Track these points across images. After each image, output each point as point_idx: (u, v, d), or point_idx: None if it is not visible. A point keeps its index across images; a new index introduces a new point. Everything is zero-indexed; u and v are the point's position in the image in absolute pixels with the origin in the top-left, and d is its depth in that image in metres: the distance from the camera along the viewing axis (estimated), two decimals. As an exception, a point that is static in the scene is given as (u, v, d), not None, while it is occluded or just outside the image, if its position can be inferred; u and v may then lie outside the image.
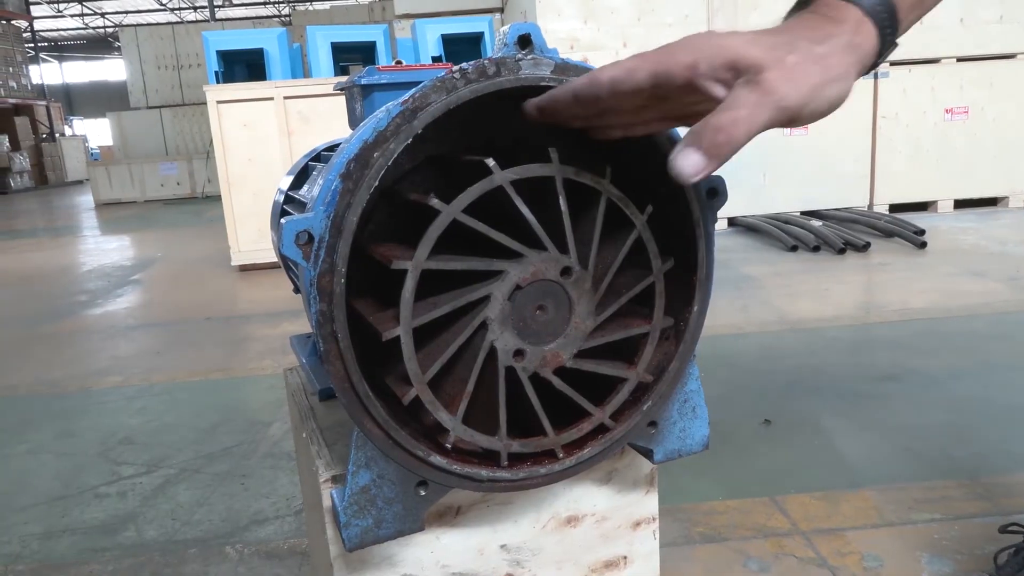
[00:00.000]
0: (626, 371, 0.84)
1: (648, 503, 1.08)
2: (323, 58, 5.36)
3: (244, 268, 5.34)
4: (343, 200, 0.70)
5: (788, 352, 2.90)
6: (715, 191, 0.88)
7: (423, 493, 0.80)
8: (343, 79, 1.16)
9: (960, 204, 6.09)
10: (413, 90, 0.72)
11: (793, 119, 0.61)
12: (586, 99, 0.69)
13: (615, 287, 0.84)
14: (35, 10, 23.19)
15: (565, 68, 0.77)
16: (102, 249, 7.35)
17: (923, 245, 4.72)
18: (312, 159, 1.42)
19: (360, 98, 1.09)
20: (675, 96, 0.65)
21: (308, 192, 1.19)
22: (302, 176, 1.42)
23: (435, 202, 0.70)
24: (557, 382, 0.80)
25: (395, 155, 0.71)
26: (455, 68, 0.72)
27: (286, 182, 1.44)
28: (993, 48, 5.83)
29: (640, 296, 0.85)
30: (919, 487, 1.85)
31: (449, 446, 0.77)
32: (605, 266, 0.82)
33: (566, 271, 0.78)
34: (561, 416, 0.85)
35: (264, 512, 1.95)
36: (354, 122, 1.13)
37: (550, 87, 0.76)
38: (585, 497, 1.03)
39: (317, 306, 0.71)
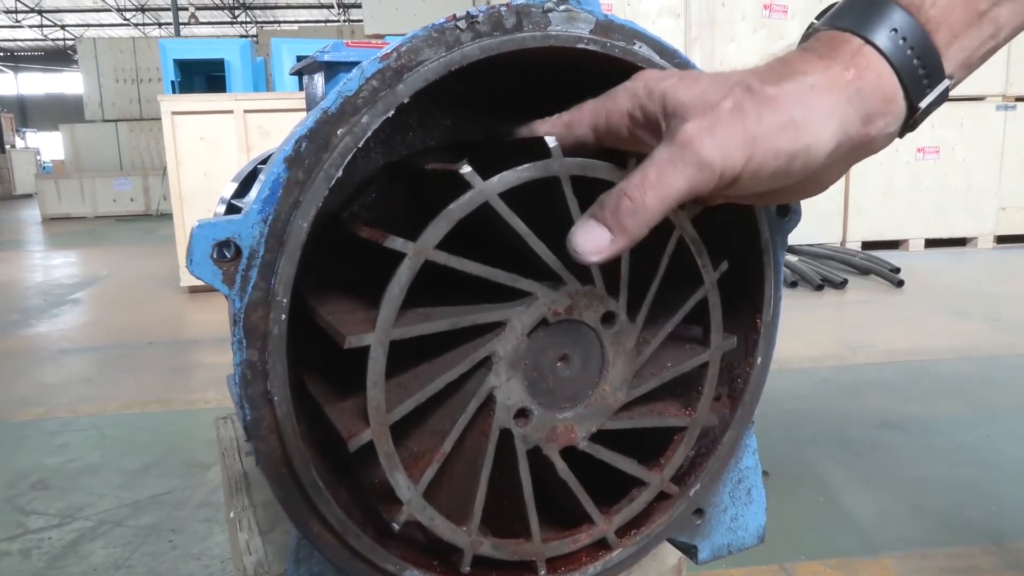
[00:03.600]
0: (648, 474, 0.62)
1: (674, 602, 0.85)
2: (287, 72, 5.12)
3: (194, 289, 5.01)
4: (288, 196, 0.47)
5: (780, 395, 2.71)
6: (787, 208, 0.68)
7: (392, 622, 0.56)
8: (302, 61, 0.93)
9: (930, 243, 6.08)
10: (398, 41, 0.49)
11: (729, 183, 0.45)
12: None
13: (656, 355, 0.62)
14: (-10, 18, 22.48)
15: (608, 28, 0.55)
16: (44, 265, 6.91)
17: (900, 283, 4.63)
18: (262, 162, 1.18)
19: (322, 80, 0.86)
20: (636, 147, 0.51)
21: (248, 199, 0.96)
22: (249, 182, 1.18)
23: (398, 243, 0.47)
24: (562, 468, 0.57)
25: (368, 133, 0.48)
26: (459, 15, 0.51)
27: (230, 189, 1.20)
28: (964, 90, 5.86)
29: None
30: (942, 554, 1.66)
31: (396, 527, 0.52)
32: (653, 325, 0.59)
33: (609, 318, 0.56)
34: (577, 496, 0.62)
35: (194, 577, 1.66)
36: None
37: (589, 52, 0.54)
38: (598, 598, 0.80)
39: (244, 355, 0.47)
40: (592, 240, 0.46)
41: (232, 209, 1.14)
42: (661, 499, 0.64)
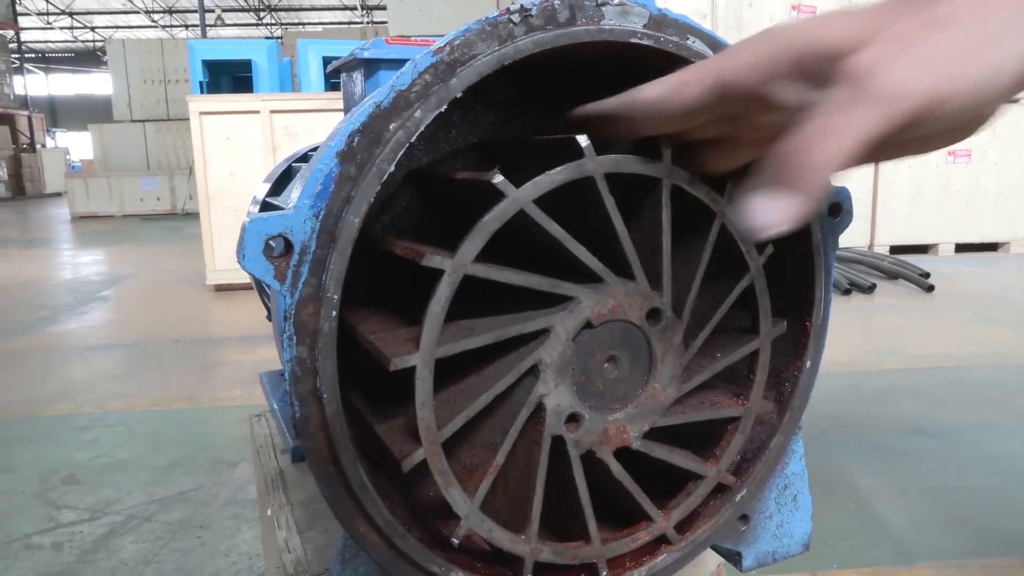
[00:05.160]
0: (704, 466, 0.61)
1: (713, 610, 0.84)
2: (313, 73, 5.15)
3: (220, 288, 5.05)
4: (341, 190, 0.46)
5: (809, 400, 2.67)
6: (839, 207, 0.66)
7: (437, 625, 0.55)
8: (341, 59, 0.93)
9: (960, 248, 5.97)
10: (451, 35, 0.49)
11: (911, 121, 0.38)
12: (627, 125, 0.49)
13: (705, 346, 0.61)
14: (23, 21, 22.89)
15: (662, 22, 0.54)
16: (73, 263, 7.02)
17: (930, 288, 4.55)
18: (297, 160, 1.19)
19: (362, 78, 0.86)
20: (751, 115, 0.45)
21: (288, 197, 0.96)
22: (283, 181, 1.18)
23: (436, 261, 0.47)
24: (617, 469, 0.56)
25: (421, 128, 0.48)
26: (512, 8, 0.50)
27: (263, 189, 1.20)
28: (996, 92, 5.75)
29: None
30: (978, 565, 1.62)
31: (456, 542, 0.52)
32: (699, 317, 0.58)
33: (654, 314, 0.55)
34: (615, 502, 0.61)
35: (222, 574, 1.67)
36: (352, 107, 0.90)
37: (642, 46, 0.53)
38: (635, 605, 0.78)
39: (294, 351, 0.47)
40: (772, 210, 0.40)
41: (267, 208, 1.14)
42: (717, 492, 0.63)
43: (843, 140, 0.38)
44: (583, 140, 0.49)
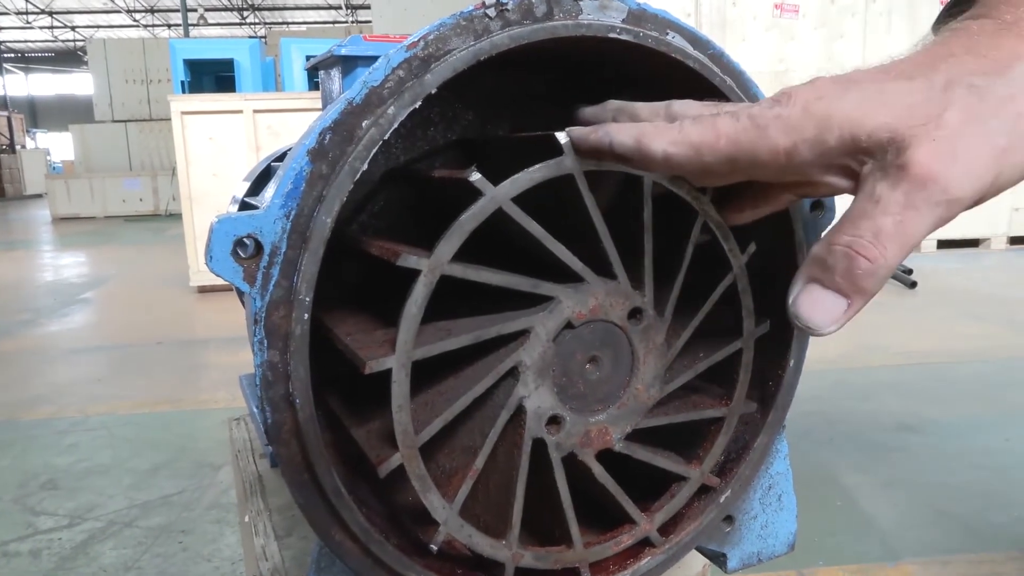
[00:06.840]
0: (688, 468, 0.60)
1: (698, 612, 0.83)
2: (297, 72, 5.12)
3: (204, 289, 5.01)
4: (312, 189, 0.45)
5: (795, 396, 2.68)
6: (820, 204, 0.65)
7: (416, 634, 0.54)
8: (319, 56, 0.91)
9: (943, 244, 6.02)
10: (424, 29, 0.48)
11: (970, 207, 0.39)
12: (636, 167, 0.47)
13: (688, 346, 0.60)
14: (2, 20, 22.62)
15: (641, 18, 0.53)
16: (54, 265, 6.94)
17: (913, 285, 4.59)
18: (275, 159, 1.17)
19: (339, 75, 0.84)
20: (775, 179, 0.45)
21: (263, 197, 0.94)
22: (263, 180, 1.16)
23: (412, 261, 0.45)
24: (599, 471, 0.55)
25: (395, 125, 0.46)
26: (488, 2, 0.49)
27: (242, 188, 1.19)
28: (977, 89, 5.81)
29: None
30: (964, 560, 1.63)
31: (435, 549, 0.51)
32: (683, 316, 0.58)
33: (636, 314, 0.54)
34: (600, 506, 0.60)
35: (204, 579, 1.65)
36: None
37: (621, 41, 0.52)
38: (621, 607, 0.78)
39: (265, 355, 0.45)
40: (824, 311, 0.40)
41: (245, 207, 1.12)
42: (701, 493, 0.62)
43: (899, 242, 0.37)
44: (562, 137, 0.48)
